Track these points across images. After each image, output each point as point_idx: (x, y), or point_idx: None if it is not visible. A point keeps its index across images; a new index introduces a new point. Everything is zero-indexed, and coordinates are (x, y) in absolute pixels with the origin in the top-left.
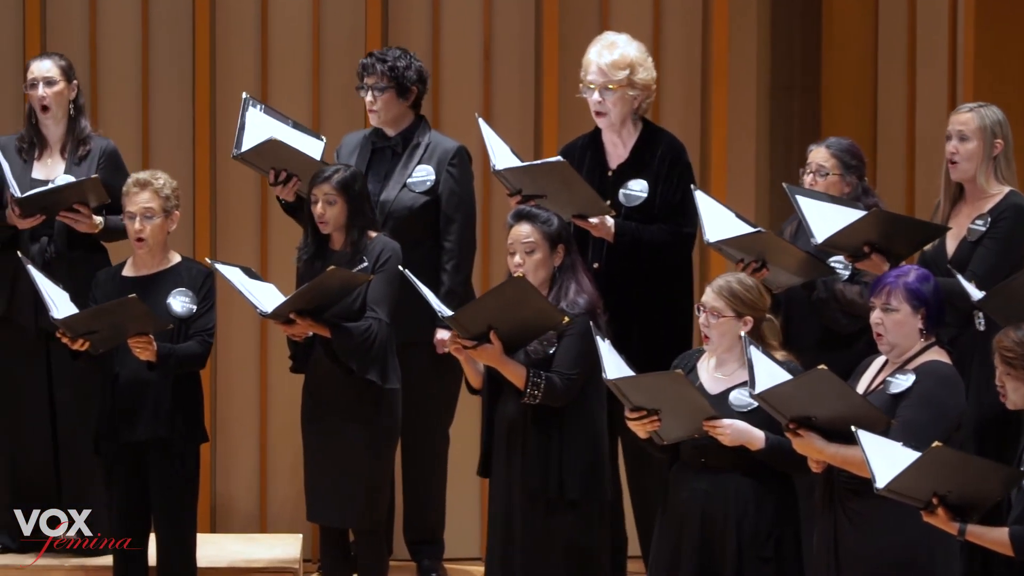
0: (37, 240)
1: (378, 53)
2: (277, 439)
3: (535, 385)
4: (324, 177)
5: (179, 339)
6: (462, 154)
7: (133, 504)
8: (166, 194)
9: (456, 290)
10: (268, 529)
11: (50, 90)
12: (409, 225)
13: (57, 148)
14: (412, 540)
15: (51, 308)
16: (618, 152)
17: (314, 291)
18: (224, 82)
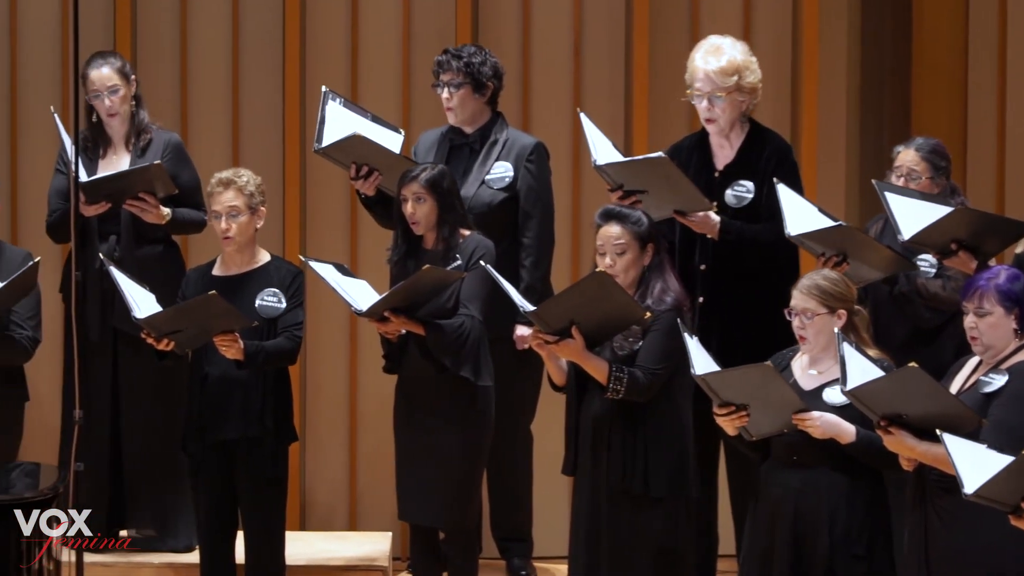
0: (105, 239)
1: (453, 50)
2: (367, 437)
3: (617, 380)
4: (412, 176)
5: (267, 339)
6: (540, 150)
7: (220, 502)
8: (250, 191)
9: (535, 286)
10: (357, 527)
11: (115, 98)
12: (488, 222)
13: (121, 143)
14: (501, 538)
15: (133, 308)
16: (725, 153)
17: (408, 289)
18: (314, 80)
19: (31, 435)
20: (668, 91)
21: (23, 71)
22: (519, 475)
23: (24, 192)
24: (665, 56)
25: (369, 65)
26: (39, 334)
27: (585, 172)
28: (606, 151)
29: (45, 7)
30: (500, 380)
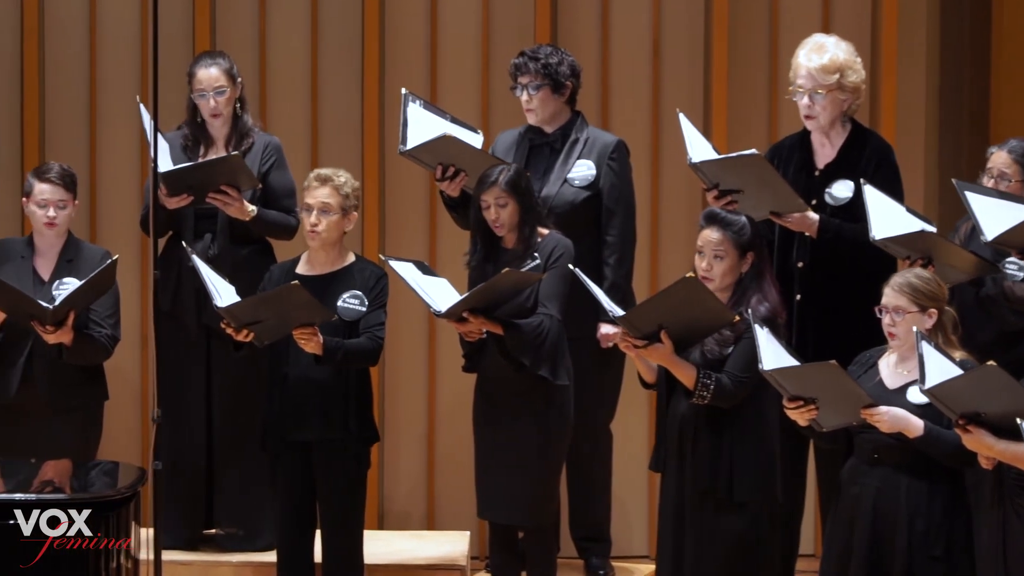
0: (200, 237)
1: (529, 51)
2: (445, 436)
3: (704, 386)
4: (491, 181)
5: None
6: (621, 148)
7: (299, 501)
8: (346, 192)
9: (619, 284)
10: (436, 526)
11: (221, 98)
12: (571, 220)
13: (222, 144)
14: (580, 537)
15: (215, 297)
16: (825, 152)
17: (488, 291)
18: (393, 81)
19: (110, 434)
20: (747, 90)
21: (102, 71)
22: (598, 474)
23: (102, 191)
24: (744, 55)
25: (448, 66)
26: (118, 332)
27: (663, 171)
28: (702, 150)
29: (125, 8)
30: (581, 379)
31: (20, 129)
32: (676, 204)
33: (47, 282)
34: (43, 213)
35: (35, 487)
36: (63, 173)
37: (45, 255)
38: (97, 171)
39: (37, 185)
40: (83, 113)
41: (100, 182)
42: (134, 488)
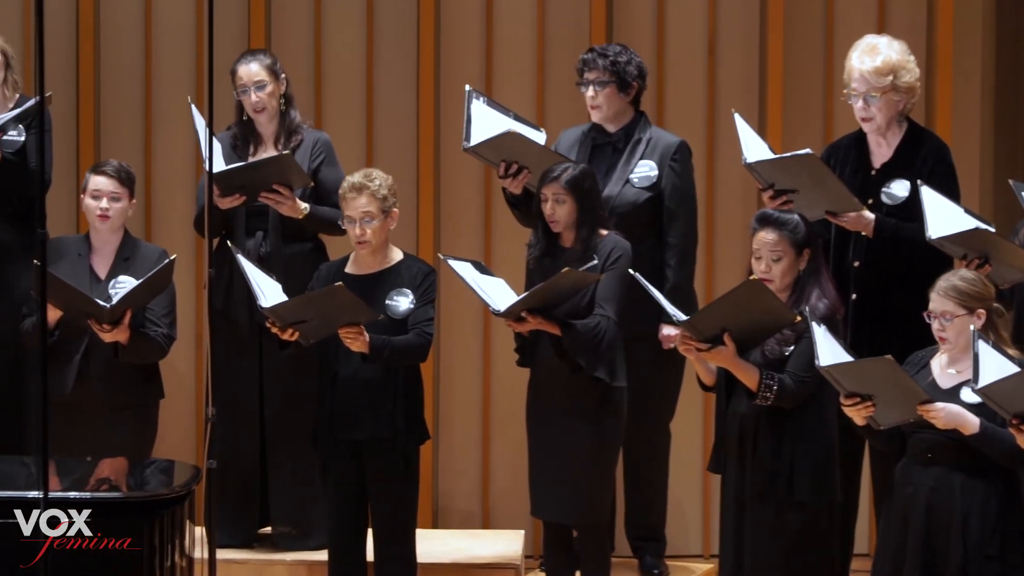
0: (252, 235)
1: (598, 48)
2: (500, 435)
3: (767, 387)
4: (553, 176)
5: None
6: (684, 149)
7: (350, 500)
8: (383, 195)
9: (681, 285)
10: (490, 525)
11: (262, 93)
12: (632, 221)
13: (270, 142)
14: (634, 536)
15: (259, 297)
16: (882, 152)
17: (546, 291)
18: (448, 78)
19: (172, 432)
20: (802, 90)
21: (157, 70)
22: (656, 474)
23: (158, 190)
24: (799, 55)
25: (503, 63)
26: (174, 331)
27: (719, 172)
28: (757, 149)
29: (180, 8)
30: (641, 379)
31: (75, 129)
32: (731, 204)
33: (103, 280)
34: (96, 205)
35: (91, 485)
36: (119, 168)
37: (102, 253)
38: (152, 171)
39: (93, 178)
40: (138, 113)
41: (155, 182)
42: (189, 487)
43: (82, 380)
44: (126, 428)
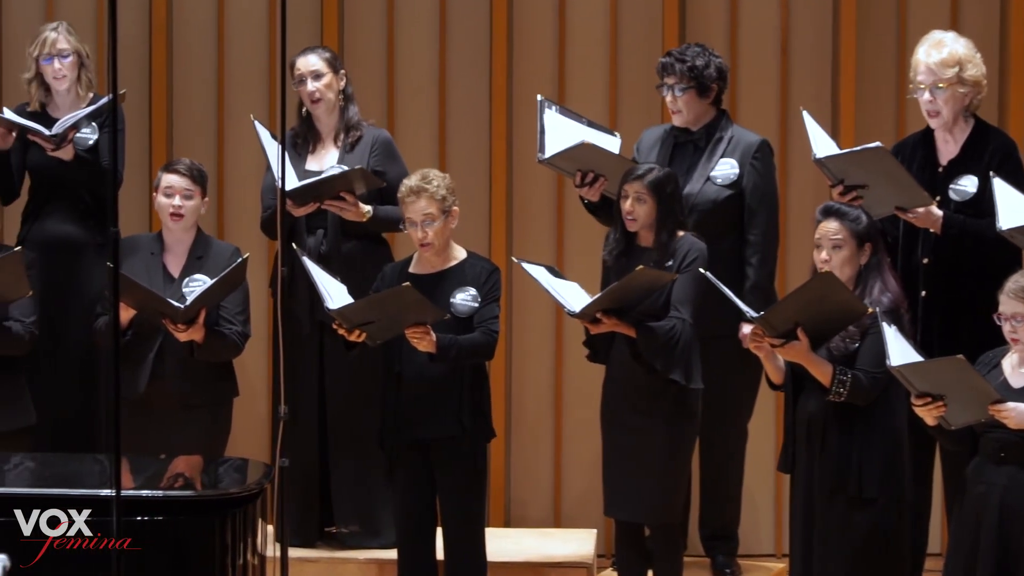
0: (312, 233)
1: (676, 52)
2: (572, 434)
3: (841, 383)
4: (637, 175)
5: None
6: (765, 148)
7: (418, 499)
8: (442, 195)
9: (761, 284)
10: (562, 524)
11: (319, 84)
12: (713, 219)
13: (330, 139)
14: (707, 536)
15: (326, 299)
16: (949, 148)
17: (621, 290)
18: (521, 77)
19: (240, 430)
20: (875, 89)
21: (230, 68)
22: (732, 474)
23: (231, 187)
24: (872, 54)
25: (576, 62)
26: (248, 329)
27: (792, 170)
28: (825, 145)
29: (253, 6)
30: (719, 378)
31: (148, 127)
32: (804, 202)
33: (177, 279)
34: (169, 202)
35: (164, 483)
36: (191, 166)
37: (175, 251)
38: (225, 169)
39: (165, 176)
40: (211, 111)
41: (227, 179)
42: (261, 485)
43: (156, 379)
44: (200, 426)
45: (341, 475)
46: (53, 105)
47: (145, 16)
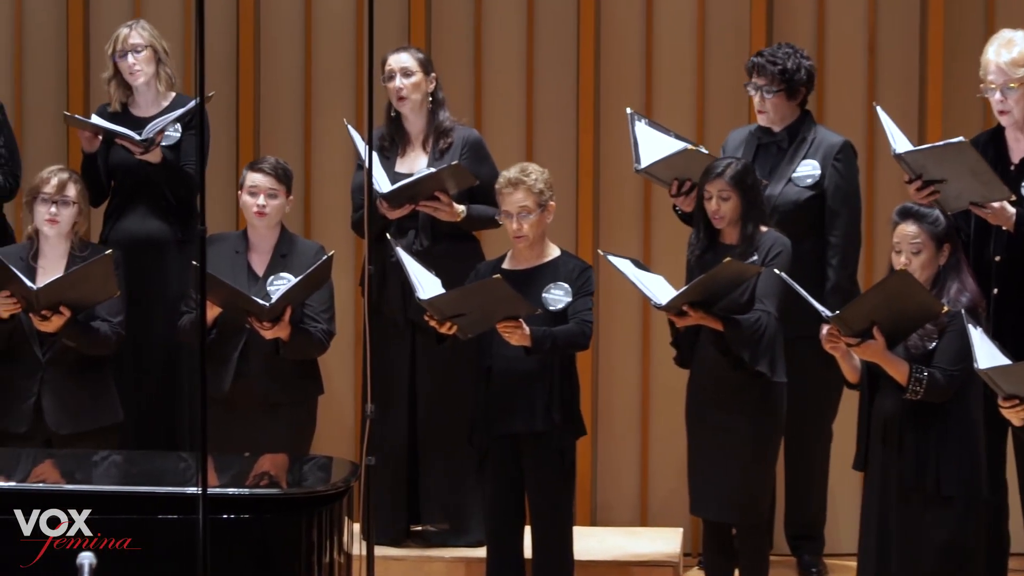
0: (404, 234)
1: (768, 53)
2: (659, 432)
3: (918, 381)
4: (716, 173)
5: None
6: (847, 149)
7: (507, 495)
8: (539, 189)
9: (842, 285)
10: (649, 523)
11: (407, 81)
12: (794, 220)
13: (418, 142)
14: (793, 535)
15: (418, 289)
16: (1020, 146)
17: (708, 283)
18: (608, 75)
19: (327, 429)
20: (962, 85)
21: (317, 67)
22: (817, 473)
23: (317, 186)
24: (960, 51)
25: (663, 60)
26: (333, 327)
27: (879, 169)
28: (904, 141)
29: (340, 3)
30: (803, 378)
31: (235, 125)
32: (891, 202)
33: (261, 277)
34: (254, 201)
35: (250, 481)
36: (276, 165)
37: (259, 250)
38: (311, 167)
39: (249, 175)
40: (298, 110)
41: (314, 178)
42: (347, 483)
43: (240, 377)
44: (285, 424)
45: (430, 474)
46: (134, 103)
47: (233, 15)
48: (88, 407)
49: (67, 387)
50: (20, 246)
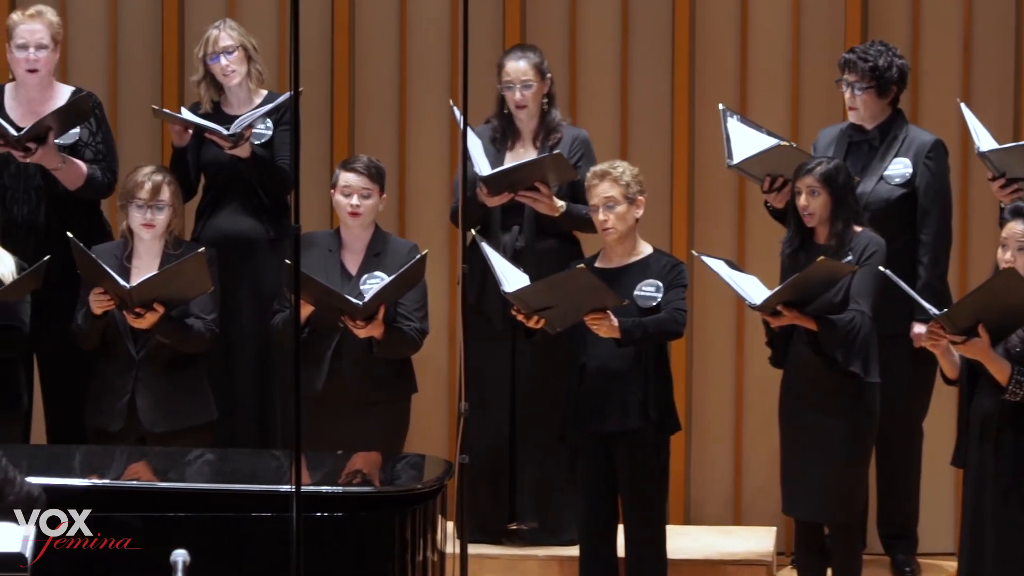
0: (508, 229)
1: (860, 50)
2: (752, 431)
3: (1019, 383)
4: (807, 169)
5: None
6: (939, 147)
7: (601, 494)
8: (625, 181)
9: (933, 284)
10: (742, 522)
11: (528, 92)
12: (885, 218)
13: (529, 138)
14: (886, 534)
15: (503, 282)
16: None
17: (801, 282)
18: (703, 73)
19: (419, 427)
20: None
21: (412, 65)
22: (909, 472)
23: (412, 184)
24: None
25: (758, 59)
26: (426, 325)
27: (974, 167)
28: (987, 139)
29: (435, 5)
30: (894, 377)
31: (330, 123)
32: (987, 201)
33: (354, 276)
34: (347, 202)
35: (344, 479)
36: (369, 164)
37: (352, 249)
38: (406, 165)
39: (343, 175)
40: (392, 107)
41: (408, 176)
42: (440, 482)
43: (334, 377)
44: (378, 423)
45: (528, 471)
46: (226, 102)
47: (328, 13)
48: (182, 405)
49: (161, 385)
50: (114, 244)
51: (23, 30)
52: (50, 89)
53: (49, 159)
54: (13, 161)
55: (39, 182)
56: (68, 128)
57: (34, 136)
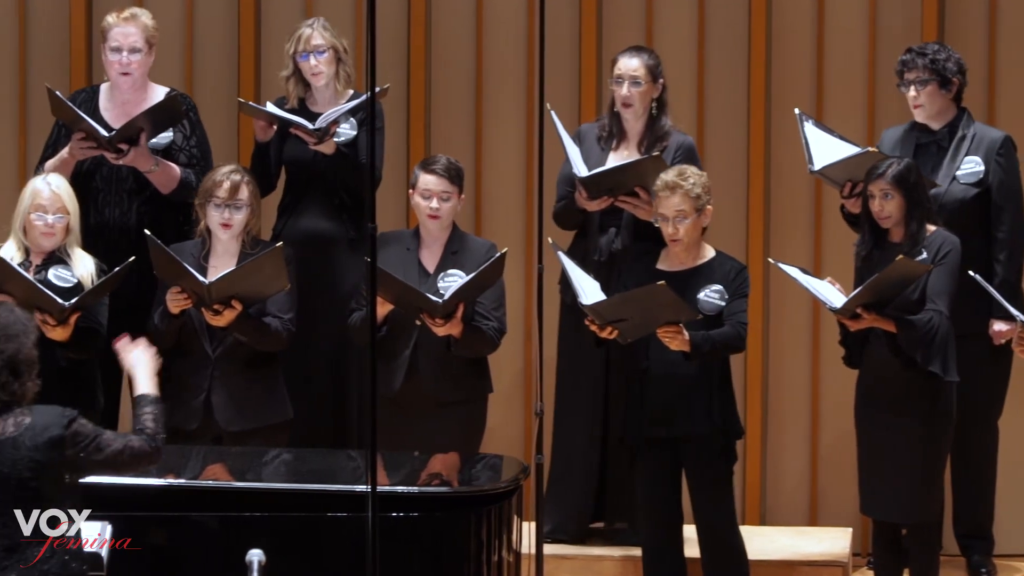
0: (605, 231)
1: (916, 48)
2: (829, 431)
3: None
4: (879, 173)
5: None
6: (1008, 144)
7: (665, 497)
8: (696, 193)
9: (1010, 281)
10: (819, 523)
11: (635, 90)
12: (960, 218)
13: (635, 141)
14: (962, 535)
15: (580, 294)
16: None
17: (880, 283)
18: (779, 77)
19: (496, 427)
20: None
21: (488, 62)
22: (985, 472)
23: (489, 183)
24: None
25: (834, 63)
26: (504, 324)
27: None
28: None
29: (511, 2)
30: (970, 375)
31: (407, 122)
32: None
33: (432, 274)
34: (427, 204)
35: (421, 480)
36: (449, 166)
37: (430, 247)
38: (483, 164)
39: (422, 176)
40: (469, 106)
41: (485, 174)
42: (516, 482)
43: (411, 375)
44: (454, 423)
45: (618, 471)
46: (312, 100)
47: (404, 11)
48: (258, 404)
49: (237, 383)
50: (192, 243)
51: (117, 33)
52: (144, 91)
53: (141, 161)
54: (106, 164)
55: (131, 185)
56: (160, 129)
57: (125, 137)
